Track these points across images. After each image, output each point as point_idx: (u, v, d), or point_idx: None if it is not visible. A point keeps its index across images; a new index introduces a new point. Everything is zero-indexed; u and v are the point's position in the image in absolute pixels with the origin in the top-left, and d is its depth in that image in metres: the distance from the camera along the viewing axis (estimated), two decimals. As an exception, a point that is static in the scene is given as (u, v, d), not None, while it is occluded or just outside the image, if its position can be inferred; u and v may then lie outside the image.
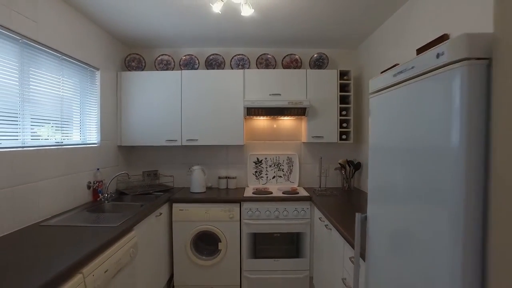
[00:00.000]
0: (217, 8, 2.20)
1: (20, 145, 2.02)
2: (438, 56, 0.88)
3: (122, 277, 1.99)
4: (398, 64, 0.95)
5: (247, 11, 2.26)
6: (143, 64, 3.53)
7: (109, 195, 2.92)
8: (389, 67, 1.55)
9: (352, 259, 1.77)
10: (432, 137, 0.93)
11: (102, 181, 2.94)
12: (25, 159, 2.03)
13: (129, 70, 3.48)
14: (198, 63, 3.54)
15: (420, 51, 2.10)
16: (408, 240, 1.09)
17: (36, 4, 2.13)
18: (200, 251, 3.13)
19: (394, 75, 1.15)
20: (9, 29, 1.90)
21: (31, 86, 2.12)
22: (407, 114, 1.09)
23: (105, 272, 1.71)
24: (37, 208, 2.13)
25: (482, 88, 0.79)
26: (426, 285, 0.97)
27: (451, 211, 0.86)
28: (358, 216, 1.42)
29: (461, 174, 0.82)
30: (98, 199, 2.85)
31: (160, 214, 2.85)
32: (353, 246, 1.70)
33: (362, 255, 1.52)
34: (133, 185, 3.45)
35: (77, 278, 1.46)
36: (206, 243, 3.15)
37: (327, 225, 2.43)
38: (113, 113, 3.29)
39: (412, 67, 1.03)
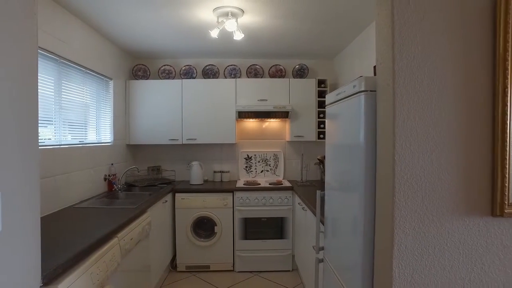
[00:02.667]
0: (214, 34, 2.76)
1: (57, 143, 2.55)
2: (354, 87, 1.46)
3: (141, 248, 2.53)
4: (361, 76, 1.45)
5: (238, 36, 2.83)
6: (148, 73, 4.07)
7: (121, 186, 3.45)
8: (355, 78, 2.12)
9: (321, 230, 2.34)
10: (352, 138, 1.50)
11: (115, 174, 3.47)
12: (61, 155, 2.56)
13: (136, 79, 4.02)
14: (196, 72, 4.10)
15: (375, 68, 2.69)
16: (341, 219, 1.66)
17: (67, 28, 2.65)
18: (199, 234, 3.68)
19: (337, 95, 1.73)
20: (49, 51, 2.42)
21: (62, 96, 2.64)
22: (342, 121, 1.67)
23: (131, 240, 2.25)
24: (70, 194, 2.66)
25: (373, 107, 1.35)
26: (350, 249, 1.54)
27: (360, 194, 1.38)
28: (318, 193, 2.00)
29: (363, 163, 1.37)
30: (113, 189, 3.38)
31: (166, 201, 3.39)
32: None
33: (322, 221, 2.10)
34: (140, 179, 3.97)
35: (114, 240, 2.00)
36: (204, 227, 3.70)
37: (304, 207, 3.01)
38: (123, 116, 3.83)
39: (344, 91, 1.60)
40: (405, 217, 1.16)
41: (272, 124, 4.27)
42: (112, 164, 3.46)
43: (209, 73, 4.14)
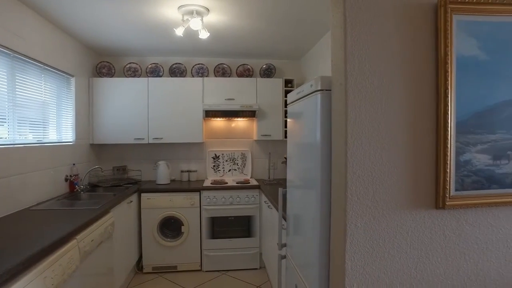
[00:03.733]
0: (179, 32, 2.73)
1: (11, 142, 2.43)
2: (311, 86, 1.50)
3: (103, 250, 2.46)
4: (318, 76, 1.49)
5: (204, 35, 2.82)
6: (113, 71, 3.96)
7: (84, 187, 3.34)
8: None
9: (283, 227, 2.39)
10: (310, 136, 1.55)
11: (77, 174, 3.35)
12: (16, 155, 2.44)
13: (100, 77, 3.89)
14: (163, 71, 4.03)
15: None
16: (300, 214, 1.70)
17: (24, 22, 2.53)
18: (166, 234, 3.63)
19: (297, 93, 1.77)
20: (3, 45, 2.30)
21: (17, 92, 2.51)
22: (301, 120, 1.71)
23: (91, 241, 2.19)
24: (25, 196, 2.53)
25: (328, 106, 1.40)
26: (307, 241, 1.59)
27: (317, 192, 1.42)
28: (280, 190, 2.03)
29: (319, 161, 1.42)
30: (75, 190, 3.26)
31: (131, 201, 3.32)
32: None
33: (285, 218, 2.14)
34: (105, 179, 3.86)
35: (72, 242, 1.93)
36: (171, 227, 3.65)
37: (269, 205, 3.05)
38: (86, 114, 3.70)
39: (303, 90, 1.64)
40: (357, 212, 1.22)
41: (240, 123, 4.29)
42: (74, 164, 3.33)
43: (176, 71, 4.09)
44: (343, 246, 1.23)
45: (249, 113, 3.86)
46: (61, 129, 3.21)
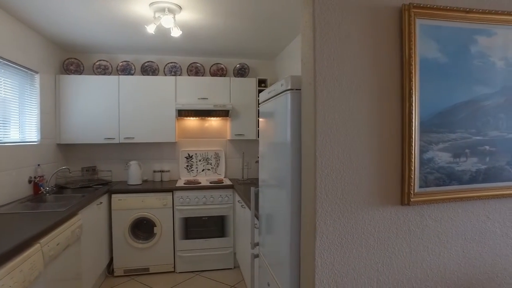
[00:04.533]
0: (151, 29, 2.67)
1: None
2: (281, 85, 1.51)
3: (70, 254, 2.37)
4: (289, 75, 1.51)
5: (176, 33, 2.77)
6: (82, 68, 3.82)
7: (50, 189, 3.19)
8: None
9: (256, 225, 2.40)
10: (280, 135, 1.56)
11: (43, 176, 3.20)
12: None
13: (68, 74, 3.74)
14: (134, 69, 3.93)
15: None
16: (272, 213, 1.71)
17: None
18: (138, 236, 3.54)
19: (268, 93, 1.78)
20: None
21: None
22: (273, 119, 1.72)
23: (57, 245, 2.10)
24: (-15, 198, 2.40)
25: (298, 105, 1.41)
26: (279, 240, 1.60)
27: (288, 191, 1.44)
28: (252, 189, 2.04)
29: (290, 160, 1.43)
30: (40, 192, 3.11)
31: (101, 203, 3.22)
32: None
33: (257, 216, 2.15)
34: (73, 180, 3.72)
35: (35, 246, 1.84)
36: (143, 228, 3.57)
37: (243, 205, 3.05)
38: (52, 113, 3.54)
39: (274, 89, 1.65)
40: (326, 210, 1.24)
41: (213, 122, 4.26)
42: (38, 165, 3.19)
43: (148, 70, 4.00)
44: (313, 243, 1.25)
45: (223, 113, 3.85)
46: (24, 128, 3.06)
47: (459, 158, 1.37)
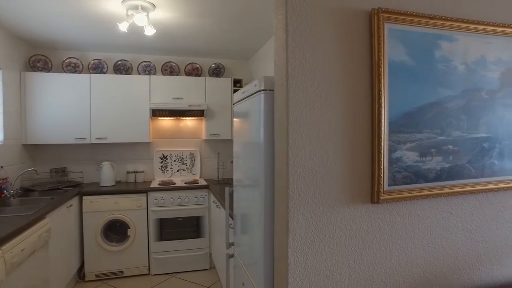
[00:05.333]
0: (123, 27, 2.61)
1: None
2: (255, 86, 1.53)
3: (37, 259, 2.28)
4: (262, 76, 1.53)
5: (150, 31, 2.73)
6: (50, 66, 3.67)
7: (15, 192, 3.05)
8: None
9: (231, 225, 2.39)
10: (254, 135, 1.57)
11: (6, 178, 3.05)
12: None
13: (34, 71, 3.59)
14: (107, 67, 3.83)
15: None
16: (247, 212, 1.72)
17: None
18: (111, 239, 3.45)
19: (242, 93, 1.78)
20: None
21: None
22: (247, 119, 1.73)
23: (22, 251, 2.01)
24: None
25: (271, 105, 1.43)
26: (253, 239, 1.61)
27: (261, 190, 1.45)
28: (227, 189, 2.04)
29: (263, 160, 1.45)
30: (3, 195, 2.97)
31: (71, 205, 3.11)
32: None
33: (232, 216, 2.15)
34: (41, 182, 3.57)
35: (-1, 252, 1.77)
36: (116, 231, 3.48)
37: (218, 205, 3.04)
38: (17, 112, 3.38)
39: (248, 90, 1.66)
40: (299, 208, 1.26)
41: (188, 122, 4.22)
42: (1, 167, 3.04)
43: (121, 68, 3.91)
44: (286, 241, 1.26)
45: (198, 113, 3.82)
46: (-13, 128, 2.91)
47: (425, 157, 1.43)
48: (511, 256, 1.60)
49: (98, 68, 3.81)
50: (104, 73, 3.82)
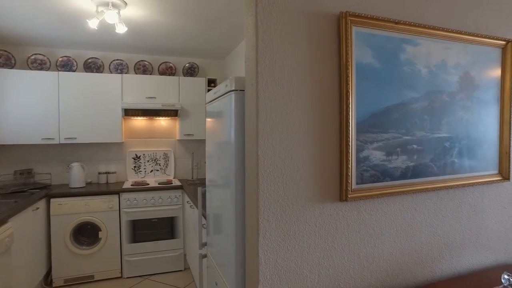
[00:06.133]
0: (93, 24, 2.54)
1: None
2: (226, 86, 1.53)
3: (-1, 264, 2.18)
4: (232, 76, 1.53)
5: (121, 29, 2.67)
6: (13, 62, 3.51)
7: (-25, 194, 2.91)
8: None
9: (204, 226, 2.39)
10: (225, 135, 1.57)
11: (-33, 180, 2.90)
12: None
13: (-4, 68, 3.42)
14: (76, 65, 3.71)
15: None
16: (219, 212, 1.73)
17: None
18: (81, 242, 3.35)
19: (214, 93, 1.78)
20: None
21: None
22: (218, 119, 1.73)
23: (-17, 256, 1.92)
24: None
25: (242, 105, 1.44)
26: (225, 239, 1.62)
27: (232, 190, 1.46)
28: (199, 189, 2.03)
29: (234, 160, 1.46)
30: (-37, 198, 2.82)
31: (37, 208, 2.99)
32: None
33: (205, 216, 2.15)
34: (3, 185, 3.41)
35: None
36: (87, 233, 3.37)
37: (192, 205, 3.02)
38: (-22, 111, 3.22)
39: (219, 90, 1.67)
40: (269, 207, 1.28)
41: (162, 122, 4.16)
42: (-38, 168, 2.88)
43: (92, 66, 3.80)
44: (256, 240, 1.28)
45: (171, 112, 3.78)
46: None
47: (391, 156, 1.48)
48: (468, 248, 1.69)
49: (67, 65, 3.68)
50: (74, 71, 3.70)
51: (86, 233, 3.38)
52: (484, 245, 1.74)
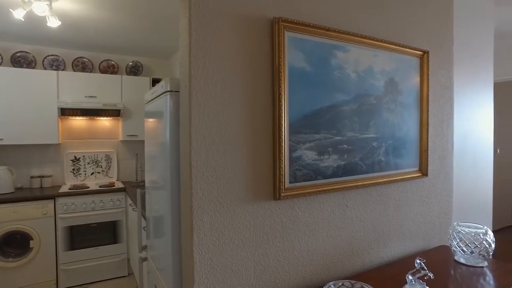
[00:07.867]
0: (18, 15, 2.35)
1: None
2: (162, 86, 1.51)
3: None
4: (168, 77, 1.52)
5: (54, 23, 2.50)
6: None
7: None
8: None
9: (145, 228, 2.32)
10: (161, 135, 1.55)
11: None
12: None
13: None
14: (2, 59, 3.41)
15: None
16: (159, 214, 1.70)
17: None
18: (7, 254, 3.07)
19: (152, 93, 1.75)
20: None
21: None
22: (155, 120, 1.70)
23: None
24: None
25: (177, 106, 1.44)
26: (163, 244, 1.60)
27: (168, 191, 1.46)
28: (138, 191, 1.98)
29: (169, 161, 1.45)
30: None
31: (-45, 217, 2.70)
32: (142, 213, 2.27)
33: (144, 216, 2.10)
34: None
35: None
36: (15, 244, 3.11)
37: (134, 208, 2.92)
38: None
39: (156, 90, 1.64)
40: (203, 208, 1.29)
41: (104, 122, 3.97)
42: None
43: (22, 61, 3.52)
44: (191, 240, 1.28)
45: (114, 112, 3.62)
46: None
47: (323, 156, 1.57)
48: (393, 238, 1.85)
49: (-9, 60, 3.37)
50: None
51: (14, 244, 3.11)
52: (407, 235, 1.90)
